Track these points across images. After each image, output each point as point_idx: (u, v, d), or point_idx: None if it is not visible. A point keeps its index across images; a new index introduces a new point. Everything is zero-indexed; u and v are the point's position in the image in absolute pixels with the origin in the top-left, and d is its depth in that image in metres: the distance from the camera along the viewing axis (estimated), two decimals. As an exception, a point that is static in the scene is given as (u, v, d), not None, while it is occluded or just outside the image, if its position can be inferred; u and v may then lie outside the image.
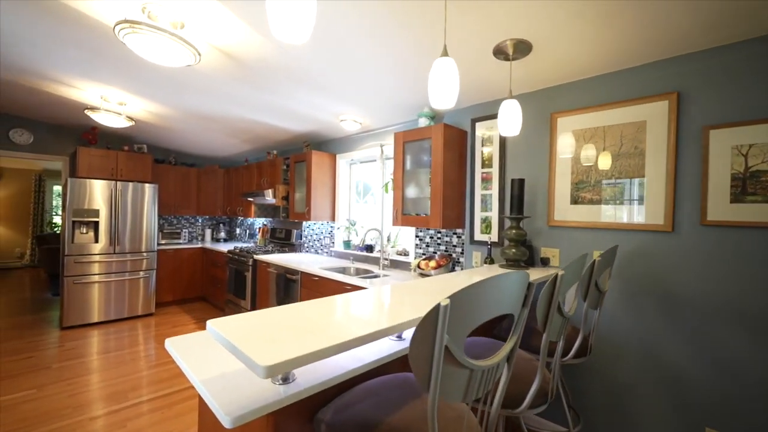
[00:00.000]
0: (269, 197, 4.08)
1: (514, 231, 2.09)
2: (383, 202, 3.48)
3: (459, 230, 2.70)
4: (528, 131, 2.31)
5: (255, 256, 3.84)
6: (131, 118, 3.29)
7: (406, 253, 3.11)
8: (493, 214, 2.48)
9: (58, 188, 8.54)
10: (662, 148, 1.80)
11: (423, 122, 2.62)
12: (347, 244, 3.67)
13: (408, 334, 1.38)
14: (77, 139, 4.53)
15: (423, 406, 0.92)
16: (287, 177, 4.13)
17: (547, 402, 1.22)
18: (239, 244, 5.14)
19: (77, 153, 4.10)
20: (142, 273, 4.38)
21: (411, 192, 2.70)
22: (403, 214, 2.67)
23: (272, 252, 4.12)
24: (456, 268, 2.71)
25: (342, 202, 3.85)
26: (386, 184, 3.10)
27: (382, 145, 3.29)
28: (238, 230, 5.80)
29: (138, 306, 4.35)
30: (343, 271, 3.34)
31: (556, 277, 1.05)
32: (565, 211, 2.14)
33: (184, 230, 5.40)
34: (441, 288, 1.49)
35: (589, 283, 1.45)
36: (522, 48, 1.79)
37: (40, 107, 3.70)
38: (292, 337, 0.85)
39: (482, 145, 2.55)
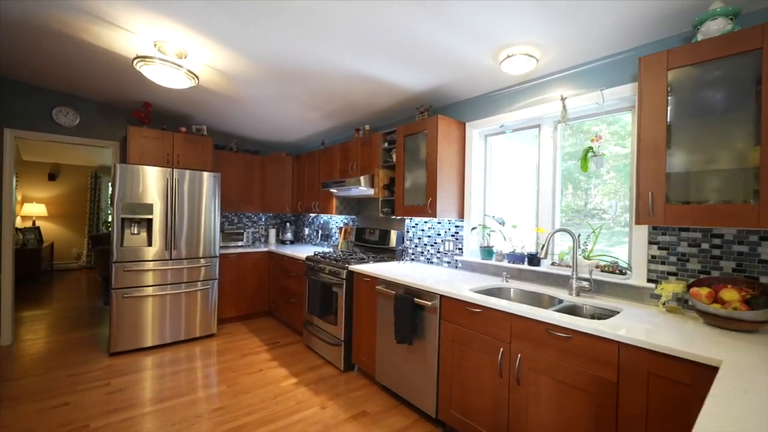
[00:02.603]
0: (363, 186, 3.02)
1: None
2: (554, 187, 2.28)
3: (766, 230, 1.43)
4: None
5: (350, 267, 2.78)
6: (193, 74, 2.35)
7: (621, 271, 1.88)
8: None
9: (113, 186, 8.18)
10: None
11: (716, 27, 1.39)
12: (488, 252, 2.50)
13: None
14: (127, 119, 3.76)
15: None
16: (389, 158, 3.04)
17: None
18: (315, 248, 4.14)
19: (128, 134, 3.30)
20: (200, 284, 3.50)
21: (677, 163, 1.48)
22: (667, 203, 1.46)
23: (368, 261, 3.05)
24: (771, 304, 1.44)
25: (475, 192, 2.69)
26: (585, 156, 1.89)
27: (563, 98, 2.08)
28: (306, 230, 4.84)
29: (196, 325, 3.47)
30: (498, 293, 2.18)
31: None
32: None
33: (246, 230, 4.52)
34: None
35: None
36: None
37: (85, 74, 2.89)
38: None
39: None
